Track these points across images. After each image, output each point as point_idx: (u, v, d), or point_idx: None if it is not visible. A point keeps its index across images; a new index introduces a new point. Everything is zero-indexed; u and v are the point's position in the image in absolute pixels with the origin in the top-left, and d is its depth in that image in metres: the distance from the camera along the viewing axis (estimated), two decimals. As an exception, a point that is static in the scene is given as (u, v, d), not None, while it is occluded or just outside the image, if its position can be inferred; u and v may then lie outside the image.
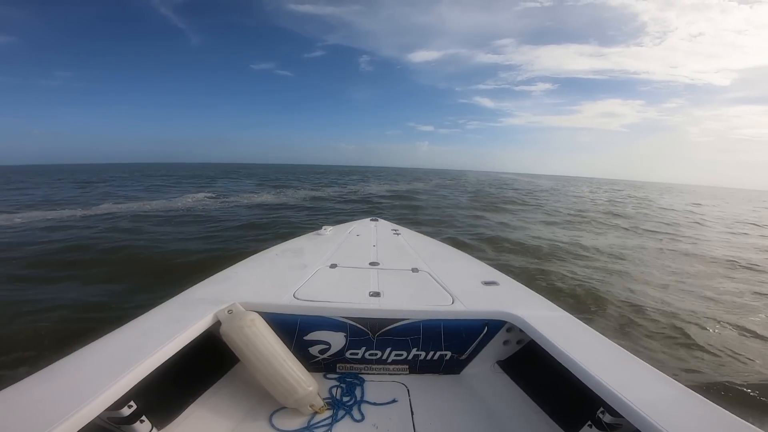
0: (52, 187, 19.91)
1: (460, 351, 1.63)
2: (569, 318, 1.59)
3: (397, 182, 31.47)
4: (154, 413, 1.18)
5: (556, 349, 1.29)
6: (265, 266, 2.15)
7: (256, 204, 13.14)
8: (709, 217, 15.41)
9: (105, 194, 15.87)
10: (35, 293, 4.04)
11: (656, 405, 0.98)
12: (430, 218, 10.75)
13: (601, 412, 1.13)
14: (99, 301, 3.87)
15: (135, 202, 12.77)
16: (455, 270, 2.23)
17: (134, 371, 1.04)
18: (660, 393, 1.05)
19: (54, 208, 11.02)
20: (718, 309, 4.35)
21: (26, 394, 0.92)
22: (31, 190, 18.50)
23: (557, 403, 1.38)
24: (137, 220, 8.94)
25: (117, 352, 1.14)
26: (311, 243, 2.74)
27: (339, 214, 11.45)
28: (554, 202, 18.68)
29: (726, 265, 6.65)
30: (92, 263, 5.23)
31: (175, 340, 1.23)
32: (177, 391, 1.34)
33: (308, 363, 1.56)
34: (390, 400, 1.47)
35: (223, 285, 1.78)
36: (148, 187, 21.18)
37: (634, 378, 1.13)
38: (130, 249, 6.00)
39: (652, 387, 1.09)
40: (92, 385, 0.95)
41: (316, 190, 20.47)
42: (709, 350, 3.30)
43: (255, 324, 1.41)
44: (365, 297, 1.69)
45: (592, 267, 5.91)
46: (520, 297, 1.84)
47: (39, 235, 7.06)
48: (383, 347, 1.60)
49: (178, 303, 1.55)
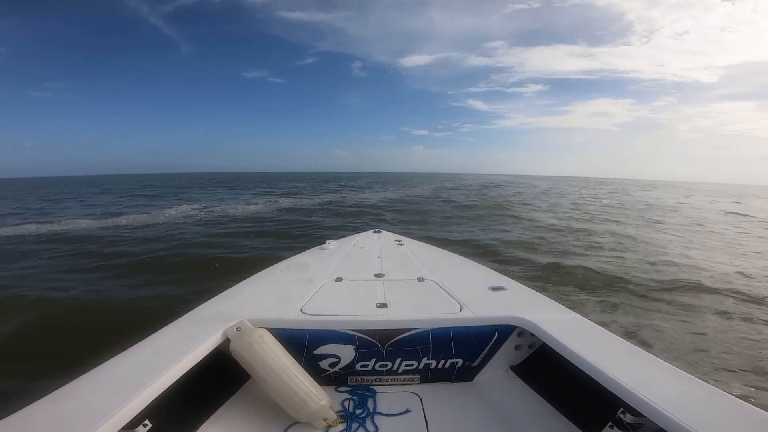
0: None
1: (472, 358, 1.62)
2: (580, 319, 1.58)
3: (386, 189, 31.14)
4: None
5: (570, 352, 1.28)
6: (271, 282, 2.16)
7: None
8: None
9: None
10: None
11: (678, 402, 0.96)
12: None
13: (622, 413, 1.11)
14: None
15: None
16: (461, 277, 2.23)
17: (148, 389, 1.04)
18: (681, 390, 1.04)
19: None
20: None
21: (43, 415, 0.93)
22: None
23: (575, 405, 1.36)
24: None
25: (131, 370, 1.14)
26: (315, 257, 2.76)
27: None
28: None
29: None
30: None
31: (187, 358, 1.24)
32: (189, 410, 1.33)
33: (319, 377, 1.55)
34: (403, 410, 1.46)
35: (231, 302, 1.79)
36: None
37: (653, 376, 1.12)
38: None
39: (672, 385, 1.07)
40: (108, 405, 0.96)
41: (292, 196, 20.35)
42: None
43: (264, 340, 1.41)
44: (372, 309, 1.69)
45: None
46: (528, 301, 1.84)
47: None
48: (393, 358, 1.59)
49: (187, 321, 1.56)
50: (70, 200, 20.42)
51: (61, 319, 3.80)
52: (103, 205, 16.74)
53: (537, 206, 16.89)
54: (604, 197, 24.70)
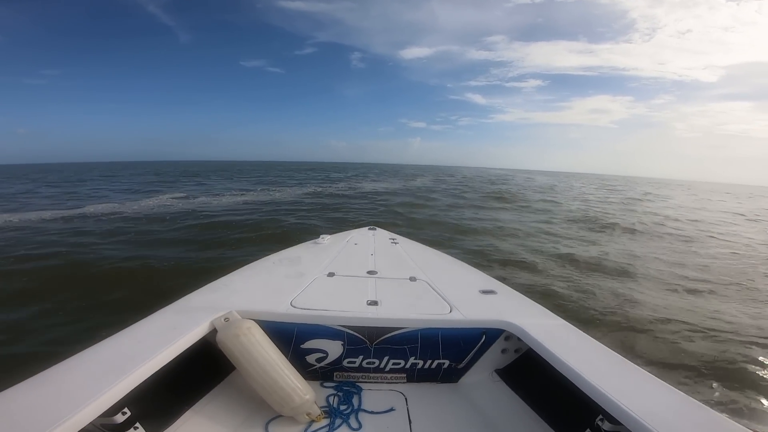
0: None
1: (458, 359, 1.62)
2: (567, 326, 1.59)
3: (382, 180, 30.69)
4: (148, 420, 1.17)
5: (554, 357, 1.29)
6: (262, 274, 2.15)
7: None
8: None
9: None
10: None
11: (655, 412, 0.98)
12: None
13: (600, 420, 1.13)
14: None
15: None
16: (453, 279, 2.23)
17: (129, 378, 1.03)
18: (659, 400, 1.06)
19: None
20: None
21: (17, 401, 0.92)
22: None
23: (556, 411, 1.38)
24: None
25: (111, 358, 1.13)
26: (309, 251, 2.75)
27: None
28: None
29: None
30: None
31: (171, 347, 1.23)
32: (172, 399, 1.33)
33: (305, 371, 1.55)
34: (388, 408, 1.46)
35: (220, 293, 1.77)
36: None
37: (633, 385, 1.13)
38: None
39: (650, 394, 1.09)
40: (85, 392, 0.95)
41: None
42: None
43: (251, 332, 1.40)
44: (363, 306, 1.69)
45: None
46: (518, 305, 1.85)
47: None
48: (381, 356, 1.59)
49: (174, 310, 1.55)
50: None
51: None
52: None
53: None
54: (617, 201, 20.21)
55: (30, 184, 23.66)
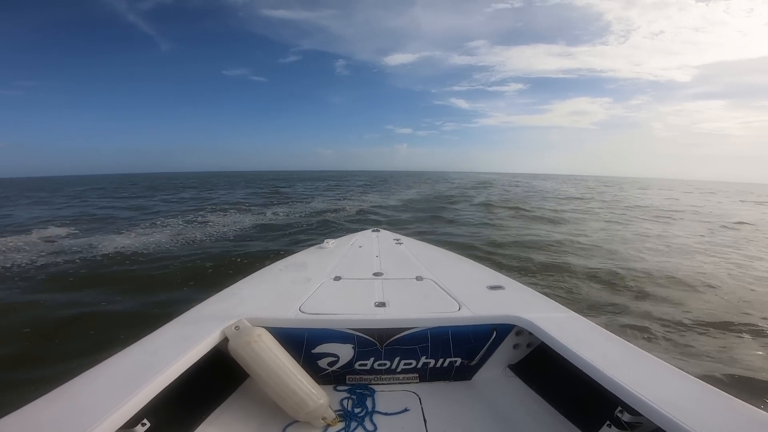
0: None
1: (470, 357, 1.62)
2: (578, 318, 1.58)
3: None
4: (166, 431, 1.17)
5: (568, 351, 1.28)
6: (270, 281, 2.15)
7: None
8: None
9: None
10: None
11: (676, 401, 0.97)
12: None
13: (620, 411, 1.12)
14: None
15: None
16: (460, 276, 2.23)
17: (146, 389, 1.04)
18: (679, 389, 1.05)
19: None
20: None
21: (39, 417, 0.92)
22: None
23: (573, 404, 1.37)
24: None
25: (128, 370, 1.14)
26: (314, 256, 2.75)
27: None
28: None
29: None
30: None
31: (185, 357, 1.23)
32: (189, 409, 1.33)
33: (318, 376, 1.55)
34: (402, 409, 1.46)
35: (229, 301, 1.78)
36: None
37: (651, 375, 1.12)
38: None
39: (669, 384, 1.08)
40: (106, 404, 0.95)
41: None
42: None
43: (262, 339, 1.41)
44: (371, 308, 1.69)
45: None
46: (527, 300, 1.84)
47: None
48: (392, 357, 1.59)
49: (185, 320, 1.56)
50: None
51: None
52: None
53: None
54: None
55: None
